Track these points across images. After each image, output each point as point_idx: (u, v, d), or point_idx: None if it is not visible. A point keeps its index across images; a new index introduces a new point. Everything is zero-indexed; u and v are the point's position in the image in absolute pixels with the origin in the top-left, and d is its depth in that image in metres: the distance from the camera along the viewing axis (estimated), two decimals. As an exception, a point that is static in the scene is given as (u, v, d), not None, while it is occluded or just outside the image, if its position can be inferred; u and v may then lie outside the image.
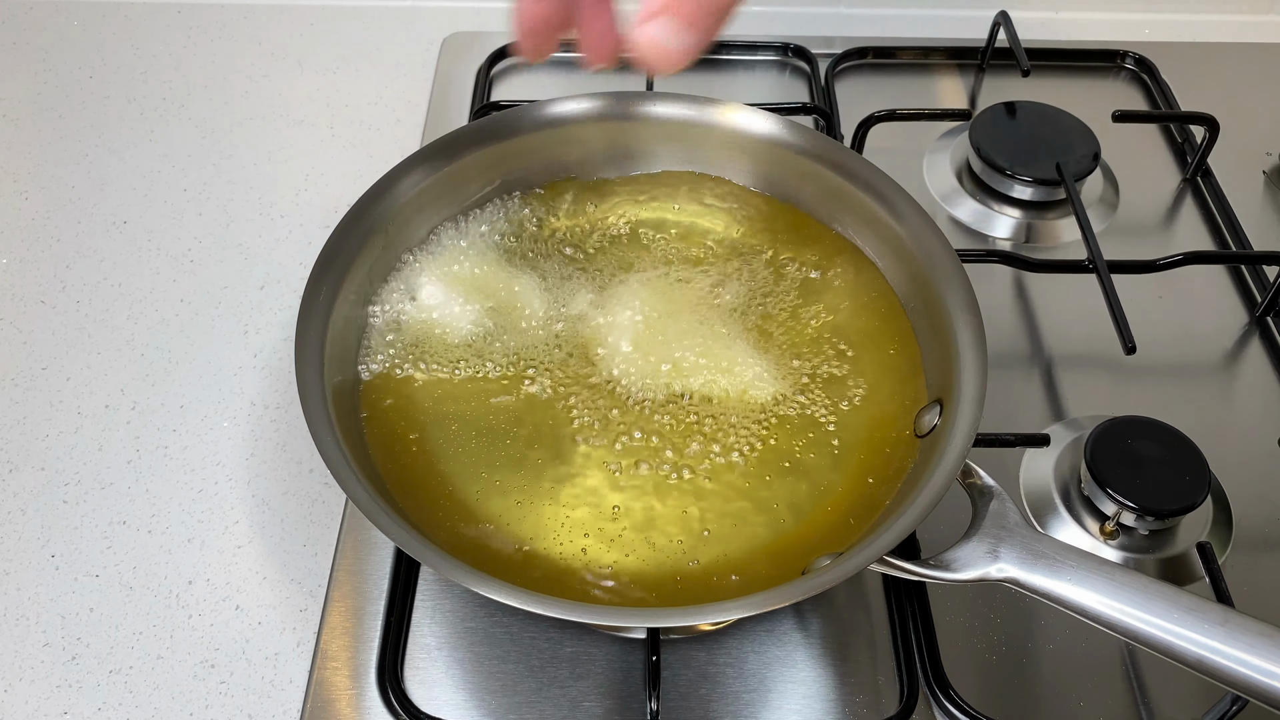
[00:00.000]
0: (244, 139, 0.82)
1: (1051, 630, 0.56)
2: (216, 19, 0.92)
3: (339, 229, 0.58)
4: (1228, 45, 0.92)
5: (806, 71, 0.87)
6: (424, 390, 0.58)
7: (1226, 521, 0.60)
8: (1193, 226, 0.77)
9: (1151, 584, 0.45)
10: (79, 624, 0.57)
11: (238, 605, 0.57)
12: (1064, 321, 0.70)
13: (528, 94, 0.81)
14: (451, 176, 0.63)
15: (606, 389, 0.58)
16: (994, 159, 0.76)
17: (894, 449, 0.55)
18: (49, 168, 0.79)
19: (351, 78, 0.87)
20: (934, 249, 0.58)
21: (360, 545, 0.59)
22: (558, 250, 0.64)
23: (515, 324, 0.60)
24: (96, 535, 0.60)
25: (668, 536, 0.53)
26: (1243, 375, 0.68)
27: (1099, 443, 0.58)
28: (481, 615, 0.56)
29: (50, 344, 0.68)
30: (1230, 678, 0.43)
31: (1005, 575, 0.47)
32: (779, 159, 0.65)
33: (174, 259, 0.74)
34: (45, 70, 0.87)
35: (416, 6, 0.93)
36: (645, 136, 0.67)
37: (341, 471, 0.49)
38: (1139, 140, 0.83)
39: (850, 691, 0.54)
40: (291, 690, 0.55)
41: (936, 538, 0.57)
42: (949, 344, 0.55)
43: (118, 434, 0.64)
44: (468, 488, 0.54)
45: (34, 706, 0.54)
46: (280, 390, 0.66)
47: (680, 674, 0.54)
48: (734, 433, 0.56)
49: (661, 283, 0.63)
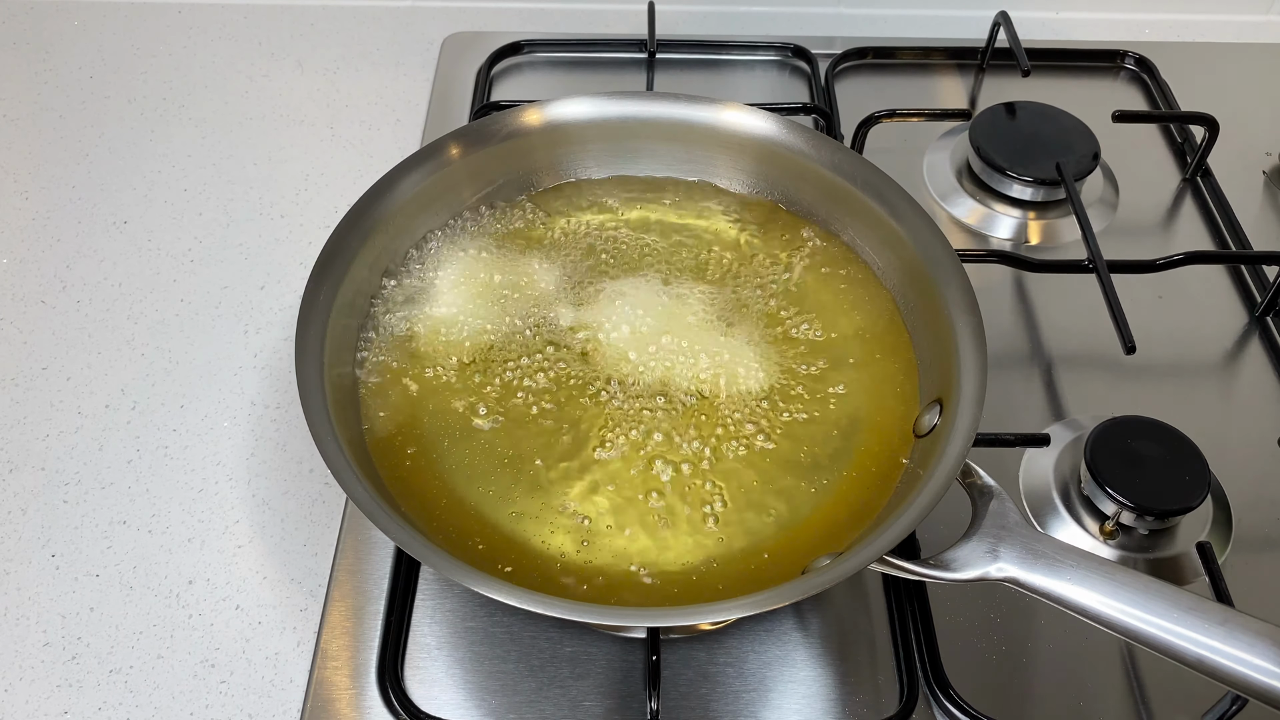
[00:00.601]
0: (244, 139, 0.82)
1: (1051, 630, 0.56)
2: (216, 19, 0.92)
3: (339, 229, 0.58)
4: (1228, 45, 0.92)
5: (806, 71, 0.87)
6: (424, 389, 0.58)
7: (1226, 521, 0.60)
8: (1193, 226, 0.77)
9: (1151, 584, 0.45)
10: (79, 624, 0.57)
11: (238, 605, 0.57)
12: (1064, 321, 0.70)
13: (528, 94, 0.81)
14: (451, 177, 0.63)
15: (605, 389, 0.58)
16: (994, 159, 0.76)
17: (893, 449, 0.55)
18: (49, 168, 0.79)
19: (351, 78, 0.87)
20: (934, 249, 0.58)
21: (360, 545, 0.59)
22: (557, 250, 0.64)
23: (514, 324, 0.60)
24: (97, 535, 0.60)
25: (667, 536, 0.53)
26: (1243, 375, 0.68)
27: (1099, 443, 0.58)
28: (481, 615, 0.56)
29: (50, 344, 0.68)
30: (1230, 677, 0.43)
31: (1005, 575, 0.47)
32: (778, 159, 0.65)
33: (174, 259, 0.74)
34: (45, 70, 0.87)
35: (416, 6, 0.93)
36: (645, 137, 0.67)
37: (341, 471, 0.49)
38: (1139, 140, 0.83)
39: (850, 691, 0.54)
40: (291, 690, 0.55)
41: (936, 538, 0.57)
42: (949, 344, 0.55)
43: (118, 434, 0.64)
44: (467, 487, 0.54)
45: (34, 706, 0.54)
46: (280, 390, 0.66)
47: (680, 674, 0.54)
48: (733, 434, 0.56)
49: (660, 283, 0.63)
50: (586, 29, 0.91)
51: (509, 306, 0.61)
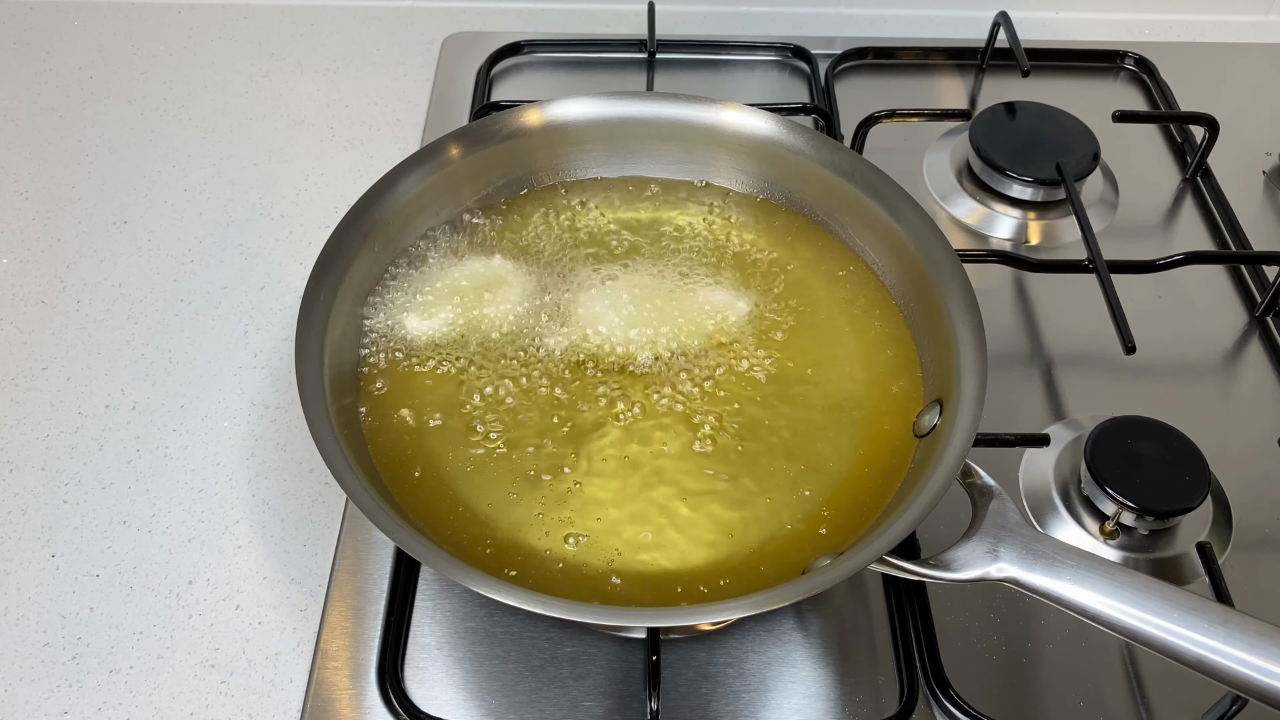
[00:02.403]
0: (244, 139, 0.82)
1: (1051, 630, 0.56)
2: (216, 19, 0.92)
3: (339, 229, 0.58)
4: (1228, 45, 0.92)
5: (806, 72, 0.87)
6: (424, 389, 0.58)
7: (1226, 521, 0.60)
8: (1193, 226, 0.77)
9: (1151, 584, 0.45)
10: (79, 624, 0.57)
11: (238, 605, 0.57)
12: (1064, 321, 0.70)
13: (528, 94, 0.81)
14: (451, 177, 0.64)
15: (606, 388, 0.58)
16: (994, 159, 0.76)
17: (893, 449, 0.55)
18: (49, 168, 0.79)
19: (351, 78, 0.87)
20: (934, 249, 0.58)
21: (360, 545, 0.59)
22: (557, 250, 0.64)
23: (515, 323, 0.60)
24: (97, 535, 0.60)
25: (666, 536, 0.52)
26: (1243, 375, 0.68)
27: (1099, 443, 0.58)
28: (481, 615, 0.56)
29: (50, 344, 0.68)
30: (1230, 677, 0.43)
31: (1005, 575, 0.47)
32: (778, 159, 0.65)
33: (174, 259, 0.74)
34: (45, 70, 0.87)
35: (416, 6, 0.93)
36: (645, 137, 0.67)
37: (341, 471, 0.49)
38: (1139, 140, 0.83)
39: (850, 691, 0.54)
40: (291, 690, 0.55)
41: (936, 538, 0.57)
42: (949, 344, 0.55)
43: (118, 434, 0.64)
44: (467, 486, 0.54)
45: (34, 706, 0.54)
46: (280, 390, 0.66)
47: (680, 674, 0.54)
48: (734, 434, 0.56)
49: (660, 283, 0.63)
50: (586, 29, 0.91)
51: (510, 306, 0.61)
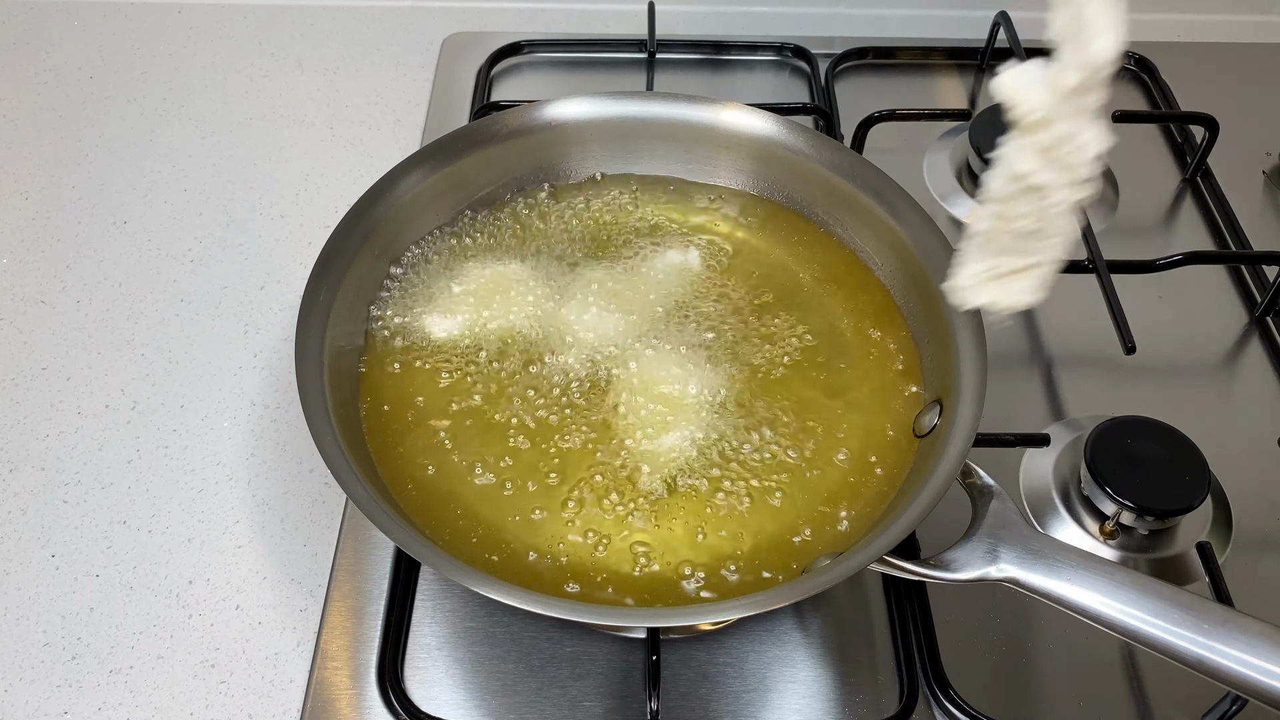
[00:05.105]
0: (244, 139, 0.82)
1: (1051, 630, 0.56)
2: (216, 19, 0.92)
3: (339, 229, 0.58)
4: (1228, 45, 0.92)
5: (806, 72, 0.87)
6: (424, 389, 0.58)
7: (1226, 521, 0.60)
8: (1192, 226, 0.77)
9: (1151, 584, 0.45)
10: (79, 624, 0.57)
11: (238, 605, 0.57)
12: (1064, 321, 0.70)
13: (528, 94, 0.81)
14: (451, 176, 0.63)
15: (606, 389, 0.58)
16: (994, 159, 0.76)
17: (893, 449, 0.55)
18: (49, 168, 0.79)
19: (351, 78, 0.87)
20: (934, 249, 0.58)
21: (360, 545, 0.59)
22: (557, 250, 0.64)
23: (515, 324, 0.60)
24: (96, 535, 0.60)
25: (666, 535, 0.52)
26: (1243, 375, 0.68)
27: (1099, 443, 0.58)
28: (481, 615, 0.56)
29: (50, 344, 0.68)
30: (1230, 678, 0.43)
31: (1005, 575, 0.47)
32: (778, 159, 0.65)
33: (174, 259, 0.74)
34: (45, 70, 0.87)
35: (416, 6, 0.93)
36: (645, 137, 0.67)
37: (342, 471, 0.49)
38: (1139, 140, 0.83)
39: (850, 691, 0.54)
40: (291, 690, 0.55)
41: (936, 538, 0.57)
42: (949, 344, 0.55)
43: (118, 434, 0.64)
44: (467, 486, 0.54)
45: (34, 706, 0.54)
46: (280, 390, 0.66)
47: (680, 674, 0.54)
48: (734, 434, 0.56)
49: (659, 283, 0.63)
50: (586, 29, 0.91)
51: (509, 306, 0.61)
